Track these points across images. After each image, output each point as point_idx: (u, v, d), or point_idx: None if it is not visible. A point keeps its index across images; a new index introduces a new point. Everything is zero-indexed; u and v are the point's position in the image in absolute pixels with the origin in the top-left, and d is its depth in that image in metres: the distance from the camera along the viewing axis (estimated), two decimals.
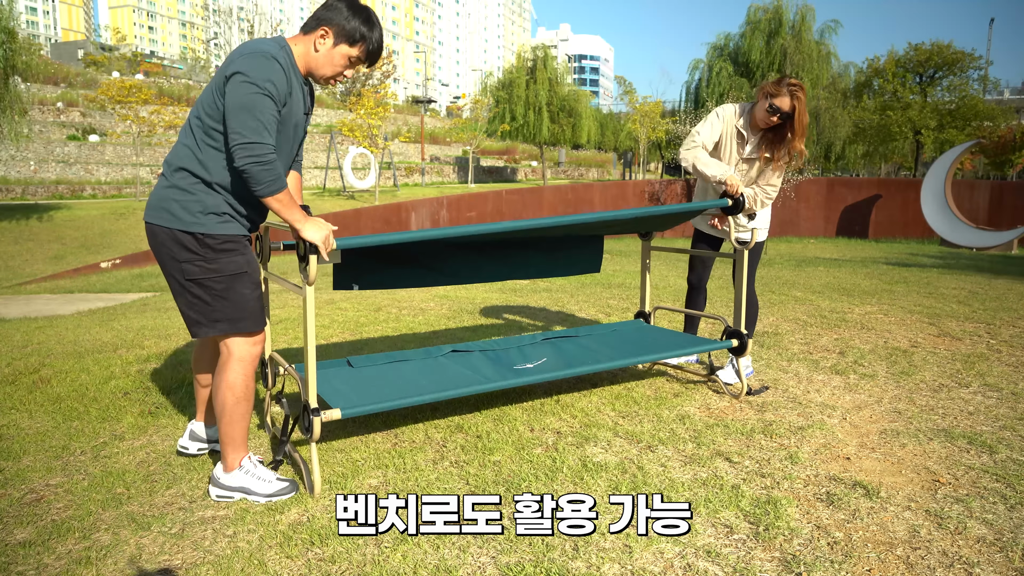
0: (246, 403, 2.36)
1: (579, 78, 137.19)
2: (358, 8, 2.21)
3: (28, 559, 2.04)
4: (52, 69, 35.78)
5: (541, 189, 21.73)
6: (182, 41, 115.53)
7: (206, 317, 2.27)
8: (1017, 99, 59.47)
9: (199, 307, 2.27)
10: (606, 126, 48.38)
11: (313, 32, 2.23)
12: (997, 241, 15.87)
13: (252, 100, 2.05)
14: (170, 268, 2.26)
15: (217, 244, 2.23)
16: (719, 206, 3.30)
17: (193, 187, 2.21)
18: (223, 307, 2.26)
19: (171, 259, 2.24)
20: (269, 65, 2.10)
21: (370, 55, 2.27)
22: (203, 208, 2.21)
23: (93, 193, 26.75)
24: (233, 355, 2.32)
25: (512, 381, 2.81)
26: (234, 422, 2.34)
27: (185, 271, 2.23)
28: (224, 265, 2.24)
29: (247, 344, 2.34)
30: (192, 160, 2.21)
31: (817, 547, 2.04)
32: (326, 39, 2.22)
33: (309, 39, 2.24)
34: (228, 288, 2.26)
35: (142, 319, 5.74)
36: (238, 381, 2.33)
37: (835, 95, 29.56)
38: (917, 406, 3.27)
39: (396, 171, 33.95)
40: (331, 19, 2.20)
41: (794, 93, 3.29)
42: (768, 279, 7.38)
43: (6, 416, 3.26)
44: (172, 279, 2.28)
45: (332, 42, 2.23)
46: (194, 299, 2.26)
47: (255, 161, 2.07)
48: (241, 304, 2.29)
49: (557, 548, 2.04)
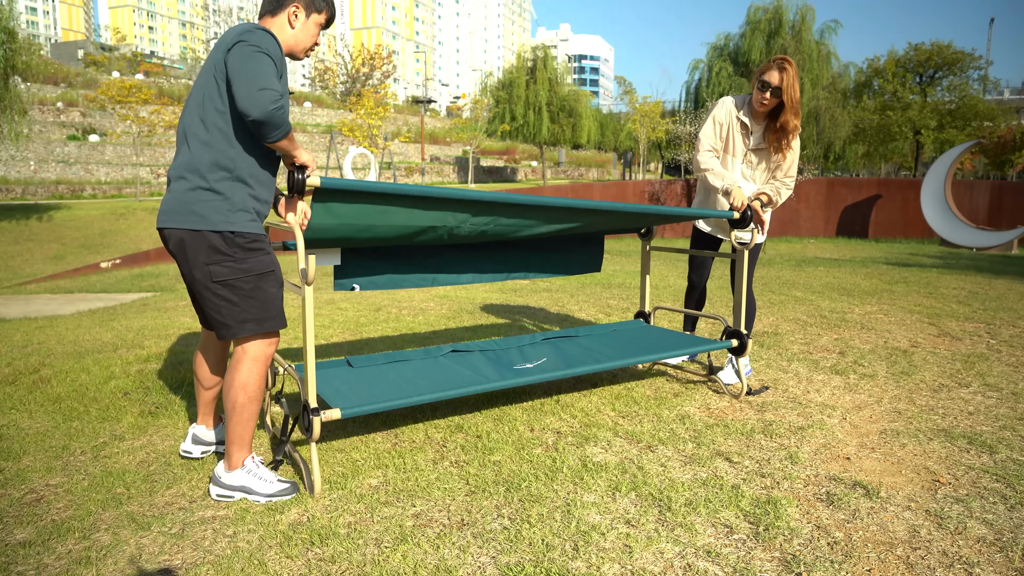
0: (257, 403, 2.36)
1: (579, 78, 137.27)
2: None
3: (28, 559, 2.04)
4: (52, 69, 35.80)
5: (541, 189, 21.74)
6: (182, 41, 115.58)
7: (234, 319, 2.27)
8: (1017, 99, 59.49)
9: (226, 309, 2.26)
10: (606, 126, 48.41)
11: (283, 10, 2.32)
12: (997, 241, 15.88)
13: (254, 57, 2.11)
14: (196, 272, 2.24)
15: (246, 243, 2.25)
16: (725, 216, 3.29)
17: (220, 184, 2.21)
18: (251, 307, 2.27)
19: (199, 263, 2.22)
20: (267, 36, 2.18)
21: (331, 15, 2.45)
22: (232, 207, 2.22)
23: (93, 193, 26.76)
24: (248, 354, 2.32)
25: (512, 381, 2.81)
26: (244, 421, 2.34)
27: (213, 273, 2.22)
28: (253, 264, 2.26)
29: (263, 344, 2.34)
30: (220, 154, 2.20)
31: (817, 547, 2.04)
32: (298, 13, 2.34)
33: (281, 19, 2.32)
34: (256, 287, 2.27)
35: (142, 319, 5.75)
36: (251, 380, 2.33)
37: (835, 95, 29.54)
38: (917, 406, 3.27)
39: (396, 171, 33.97)
40: None
41: (781, 66, 3.30)
42: (768, 279, 7.38)
43: (6, 416, 3.26)
44: (197, 283, 2.26)
45: (304, 14, 2.35)
46: (222, 301, 2.25)
47: (273, 106, 2.09)
48: (268, 303, 2.30)
49: (557, 548, 2.04)
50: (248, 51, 2.11)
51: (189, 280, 2.30)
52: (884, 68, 32.53)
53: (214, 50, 2.23)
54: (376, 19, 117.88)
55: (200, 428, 2.71)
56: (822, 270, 8.47)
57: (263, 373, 2.36)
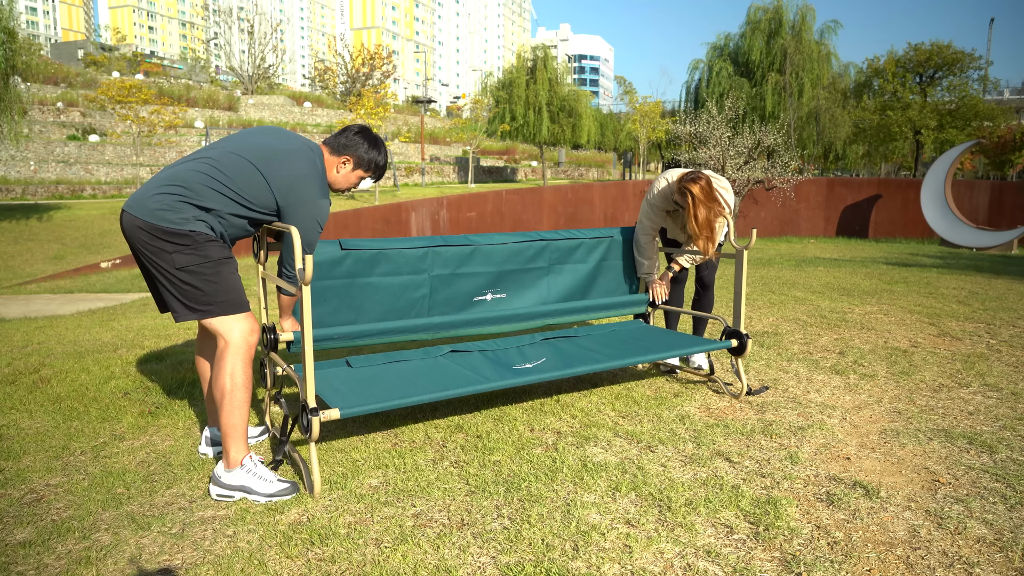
0: (245, 391, 2.39)
1: (579, 78, 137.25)
2: (373, 141, 2.65)
3: (28, 559, 2.04)
4: (52, 69, 35.80)
5: (541, 189, 21.72)
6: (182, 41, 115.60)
7: (196, 301, 2.39)
8: (1017, 99, 59.49)
9: (190, 293, 2.38)
10: (606, 126, 48.37)
11: (338, 157, 2.63)
12: (997, 241, 15.87)
13: (314, 239, 2.55)
14: (158, 260, 2.34)
15: (201, 239, 2.36)
16: (641, 302, 3.81)
17: (185, 204, 2.35)
18: (213, 291, 2.39)
19: (159, 251, 2.33)
20: (327, 207, 2.56)
21: (377, 176, 2.75)
22: (195, 215, 2.36)
23: (93, 193, 26.76)
24: (230, 344, 2.40)
25: (512, 381, 2.81)
26: (234, 410, 2.38)
27: (176, 260, 2.33)
28: (211, 251, 2.37)
29: (243, 333, 2.42)
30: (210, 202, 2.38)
31: (817, 547, 2.04)
32: (347, 165, 2.64)
33: (333, 161, 2.63)
34: (216, 272, 2.39)
35: (142, 319, 5.75)
36: (237, 368, 2.39)
37: (835, 95, 29.57)
38: (917, 406, 3.27)
39: (396, 171, 33.98)
40: (353, 150, 2.62)
41: (682, 190, 3.33)
42: (768, 279, 7.38)
43: (6, 416, 3.26)
44: (160, 271, 2.36)
45: (351, 168, 2.65)
46: (186, 286, 2.37)
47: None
48: (229, 287, 2.42)
49: (557, 548, 2.04)
50: (313, 230, 2.52)
51: (151, 267, 2.40)
52: (884, 68, 32.53)
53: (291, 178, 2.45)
54: (376, 19, 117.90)
55: (214, 430, 2.75)
56: (822, 270, 8.47)
57: (247, 361, 2.42)
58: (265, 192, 2.43)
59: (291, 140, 2.52)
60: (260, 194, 2.43)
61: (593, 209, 21.83)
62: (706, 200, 3.28)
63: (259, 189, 2.42)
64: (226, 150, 2.44)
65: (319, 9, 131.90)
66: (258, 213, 2.46)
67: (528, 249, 3.48)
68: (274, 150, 2.46)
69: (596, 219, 21.77)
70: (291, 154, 2.47)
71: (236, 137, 2.51)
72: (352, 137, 2.62)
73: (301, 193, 2.46)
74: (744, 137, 18.25)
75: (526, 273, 3.50)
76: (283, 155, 2.46)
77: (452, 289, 3.28)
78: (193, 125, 35.93)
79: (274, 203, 2.46)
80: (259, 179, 2.41)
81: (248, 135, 2.52)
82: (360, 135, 2.63)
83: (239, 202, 2.41)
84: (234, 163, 2.41)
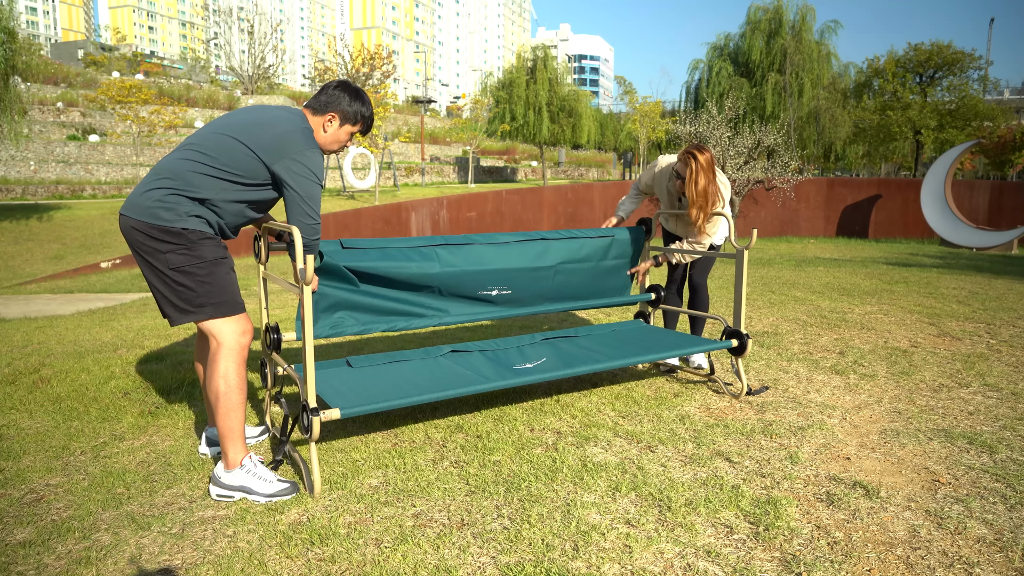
0: (239, 392, 2.40)
1: (579, 78, 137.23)
2: (354, 93, 2.56)
3: (28, 559, 2.04)
4: (52, 69, 35.78)
5: (541, 189, 21.73)
6: (182, 41, 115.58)
7: (191, 303, 2.38)
8: (1017, 99, 59.50)
9: (184, 294, 2.37)
10: (606, 126, 48.37)
11: (321, 115, 2.53)
12: (997, 241, 15.87)
13: (315, 191, 2.44)
14: (153, 260, 2.34)
15: (195, 237, 2.36)
16: (643, 300, 3.84)
17: (177, 197, 2.34)
18: (207, 291, 2.38)
19: (154, 251, 2.33)
20: (319, 159, 2.46)
21: (367, 127, 2.66)
22: (188, 210, 2.35)
23: (93, 193, 26.75)
24: (223, 345, 2.40)
25: (512, 381, 2.81)
26: (230, 412, 2.38)
27: (170, 261, 2.33)
28: (205, 251, 2.37)
29: (235, 334, 2.42)
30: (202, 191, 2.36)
31: (817, 547, 2.04)
32: (333, 122, 2.55)
33: (319, 121, 2.54)
34: (210, 273, 2.38)
35: (142, 319, 5.75)
36: (230, 369, 2.39)
37: (835, 95, 29.54)
38: (917, 406, 3.27)
39: (396, 171, 33.96)
40: (336, 105, 2.52)
41: (684, 160, 3.47)
42: (768, 279, 7.38)
43: (6, 416, 3.26)
44: (155, 271, 2.36)
45: (338, 124, 2.56)
46: (180, 287, 2.36)
47: (316, 237, 2.47)
48: (223, 287, 2.41)
49: (557, 548, 2.04)
50: (312, 186, 2.41)
51: (146, 268, 2.39)
52: (884, 68, 32.52)
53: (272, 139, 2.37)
54: (376, 19, 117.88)
55: (212, 430, 2.75)
56: (822, 270, 8.47)
57: (241, 362, 2.43)
58: (252, 160, 2.37)
59: (270, 110, 2.47)
60: (248, 164, 2.37)
61: (593, 209, 21.83)
62: (708, 169, 3.44)
63: (245, 159, 2.37)
64: (207, 133, 2.41)
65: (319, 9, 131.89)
66: (253, 189, 2.41)
67: (531, 248, 3.48)
68: (253, 122, 2.42)
69: (596, 219, 21.78)
70: (271, 119, 2.42)
71: (217, 120, 2.48)
72: (332, 92, 2.53)
73: (287, 148, 2.38)
74: (744, 137, 18.25)
75: (531, 272, 3.49)
76: (263, 123, 2.41)
77: (459, 284, 3.25)
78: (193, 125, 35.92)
79: (265, 170, 2.38)
80: (243, 149, 2.36)
81: (229, 115, 2.49)
82: (340, 88, 2.54)
83: (230, 180, 2.37)
84: (217, 142, 2.37)
